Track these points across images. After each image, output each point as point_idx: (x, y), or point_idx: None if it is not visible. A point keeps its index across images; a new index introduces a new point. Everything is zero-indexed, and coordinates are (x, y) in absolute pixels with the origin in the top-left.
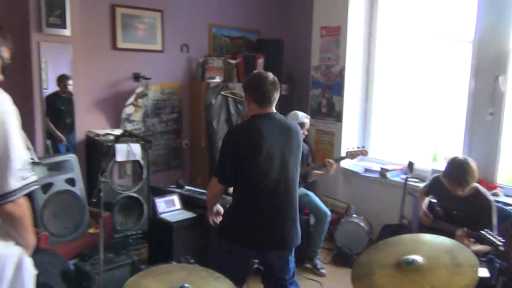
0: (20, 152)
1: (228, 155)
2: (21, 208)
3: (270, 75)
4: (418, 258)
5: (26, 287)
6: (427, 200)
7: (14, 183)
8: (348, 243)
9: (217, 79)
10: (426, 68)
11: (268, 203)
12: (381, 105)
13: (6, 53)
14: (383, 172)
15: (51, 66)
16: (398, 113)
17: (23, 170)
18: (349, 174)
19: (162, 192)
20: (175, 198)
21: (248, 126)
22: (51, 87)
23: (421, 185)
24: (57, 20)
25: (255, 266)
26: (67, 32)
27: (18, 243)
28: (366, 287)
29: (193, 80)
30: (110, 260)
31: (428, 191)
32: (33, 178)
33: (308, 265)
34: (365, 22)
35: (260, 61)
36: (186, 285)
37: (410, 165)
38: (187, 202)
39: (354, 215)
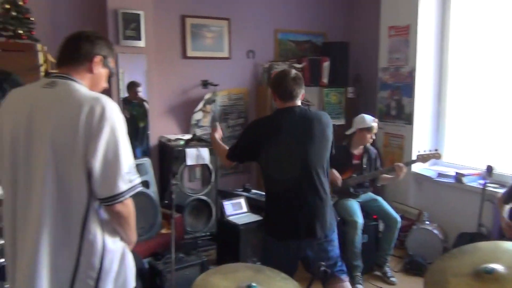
0: (127, 156)
1: (245, 141)
2: (128, 208)
3: (292, 72)
4: (499, 267)
5: (128, 279)
6: (507, 208)
7: (122, 185)
8: (421, 252)
9: None
10: (506, 67)
11: (290, 193)
12: (455, 106)
13: (112, 63)
14: (458, 177)
15: (127, 76)
16: (475, 114)
17: (130, 173)
18: (421, 179)
19: (230, 195)
20: (242, 201)
21: (269, 118)
22: (126, 95)
23: (502, 191)
24: (132, 33)
25: (322, 268)
26: (141, 43)
27: (122, 239)
28: None
29: (259, 85)
30: (181, 259)
31: (508, 198)
32: (138, 180)
33: (378, 273)
34: (436, 19)
35: (326, 64)
36: (253, 284)
37: (489, 169)
38: (254, 205)
39: (426, 222)
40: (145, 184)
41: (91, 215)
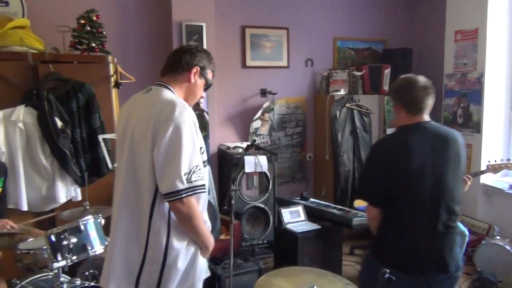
0: (188, 157)
1: (374, 173)
2: (188, 207)
3: (421, 79)
4: None
5: (196, 284)
6: None
7: (179, 184)
8: (491, 268)
9: (342, 92)
10: None
11: (421, 221)
12: None
13: (210, 75)
14: None
15: None
16: None
17: (190, 174)
18: (491, 191)
19: (287, 204)
20: (300, 209)
21: (394, 140)
22: None
23: None
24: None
25: (387, 275)
26: None
27: (194, 243)
28: None
29: (318, 93)
30: (238, 265)
31: None
32: (200, 182)
33: None
34: (509, 21)
35: (387, 72)
36: (315, 287)
37: None
38: (312, 214)
39: (497, 237)
40: None
41: (156, 208)
